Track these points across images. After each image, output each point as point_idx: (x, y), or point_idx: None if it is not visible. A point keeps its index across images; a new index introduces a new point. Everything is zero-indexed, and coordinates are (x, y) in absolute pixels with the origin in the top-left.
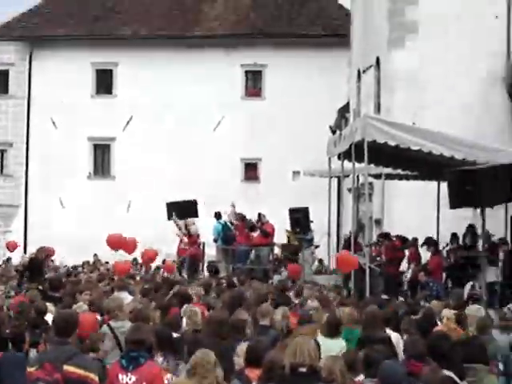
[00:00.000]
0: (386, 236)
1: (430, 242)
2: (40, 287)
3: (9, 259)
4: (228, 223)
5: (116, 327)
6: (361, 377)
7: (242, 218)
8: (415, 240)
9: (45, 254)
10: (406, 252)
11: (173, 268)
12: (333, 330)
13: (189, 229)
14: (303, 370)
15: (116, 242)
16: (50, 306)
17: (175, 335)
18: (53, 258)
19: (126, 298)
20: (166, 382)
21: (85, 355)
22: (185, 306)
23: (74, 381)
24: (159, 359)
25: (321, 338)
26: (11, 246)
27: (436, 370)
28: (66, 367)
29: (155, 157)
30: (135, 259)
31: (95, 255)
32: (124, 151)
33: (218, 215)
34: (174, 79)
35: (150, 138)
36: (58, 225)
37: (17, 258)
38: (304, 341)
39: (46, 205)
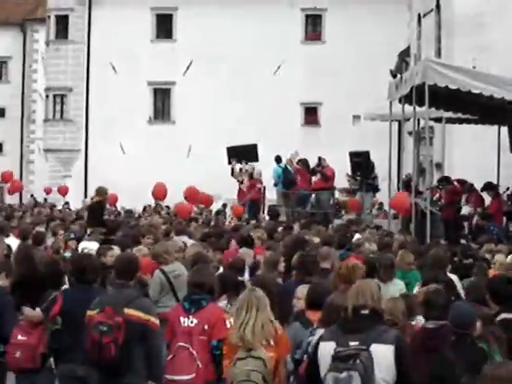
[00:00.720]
0: (446, 180)
1: (490, 186)
2: (101, 231)
3: (67, 203)
4: (288, 167)
5: (169, 271)
6: (418, 319)
7: (303, 162)
8: (471, 185)
9: (105, 195)
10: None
11: (241, 211)
12: (388, 273)
13: (251, 172)
14: (365, 312)
15: (162, 192)
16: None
17: (239, 278)
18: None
19: (187, 241)
20: (228, 325)
21: (145, 298)
22: (246, 251)
23: (134, 324)
24: (223, 302)
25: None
26: (62, 191)
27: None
28: (126, 310)
29: (215, 101)
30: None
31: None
32: (184, 96)
33: (278, 159)
34: (234, 23)
35: (210, 82)
36: (117, 170)
37: (77, 202)
38: (366, 283)
39: (106, 150)
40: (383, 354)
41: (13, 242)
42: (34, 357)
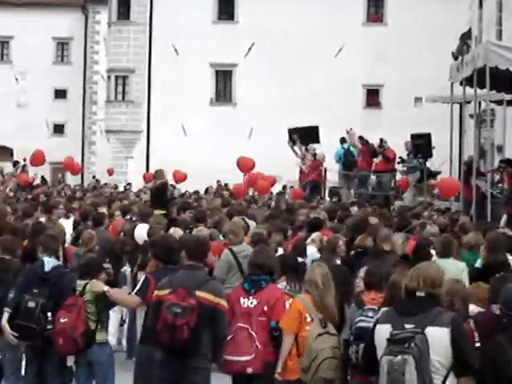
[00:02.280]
0: (508, 162)
1: None
2: (164, 212)
3: (129, 184)
4: (351, 148)
5: (237, 251)
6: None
7: (365, 142)
8: None
9: (164, 178)
10: None
11: (300, 194)
12: (446, 250)
13: (314, 153)
14: (421, 294)
15: (247, 166)
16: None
17: (300, 260)
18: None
19: (248, 222)
20: (287, 306)
21: (215, 281)
22: (314, 234)
23: (205, 307)
24: (282, 284)
25: (435, 259)
26: (108, 172)
27: None
28: (198, 293)
29: (277, 83)
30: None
31: (218, 181)
32: (246, 78)
33: (342, 140)
34: (295, 5)
35: (272, 64)
36: (179, 151)
37: (139, 183)
38: (426, 266)
39: (168, 131)
40: (439, 337)
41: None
42: (74, 340)
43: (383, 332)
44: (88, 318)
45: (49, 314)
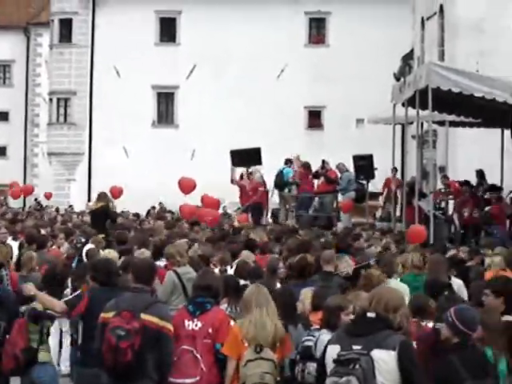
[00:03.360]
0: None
1: (494, 189)
2: (103, 235)
3: (70, 206)
4: (286, 169)
5: (182, 273)
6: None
7: (305, 165)
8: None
9: (107, 201)
10: None
11: (245, 220)
12: (388, 270)
13: (251, 177)
14: (372, 315)
15: (188, 186)
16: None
17: (242, 282)
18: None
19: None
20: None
21: (161, 304)
22: (245, 252)
23: (150, 330)
24: (224, 305)
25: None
26: (46, 196)
27: (493, 311)
28: (143, 316)
29: (219, 105)
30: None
31: (160, 203)
32: (187, 99)
33: (287, 161)
34: (237, 27)
35: (214, 86)
36: (121, 173)
37: (80, 205)
38: (385, 290)
39: (110, 153)
40: (384, 360)
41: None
42: (14, 355)
43: (332, 353)
44: (30, 337)
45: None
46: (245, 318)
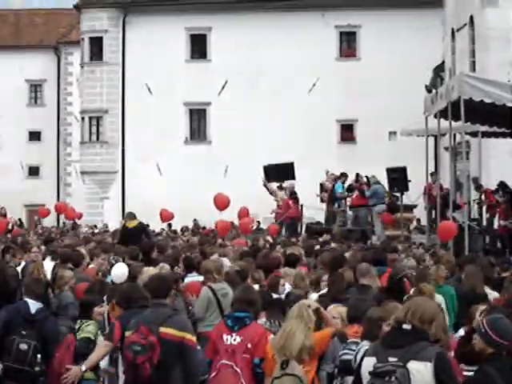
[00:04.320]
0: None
1: None
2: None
3: (106, 226)
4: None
5: (217, 289)
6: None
7: (357, 179)
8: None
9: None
10: None
11: (276, 230)
12: (421, 282)
13: (291, 191)
14: (407, 327)
15: (223, 202)
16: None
17: (275, 296)
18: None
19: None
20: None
21: (181, 316)
22: (285, 268)
23: (169, 342)
24: (262, 320)
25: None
26: (77, 216)
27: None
28: (161, 329)
29: (251, 120)
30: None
31: (195, 220)
32: (220, 116)
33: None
34: (268, 42)
35: (245, 101)
36: (155, 190)
37: (115, 223)
38: (422, 301)
39: (143, 171)
40: (420, 371)
41: (48, 264)
42: (60, 374)
43: (368, 365)
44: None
45: (39, 355)
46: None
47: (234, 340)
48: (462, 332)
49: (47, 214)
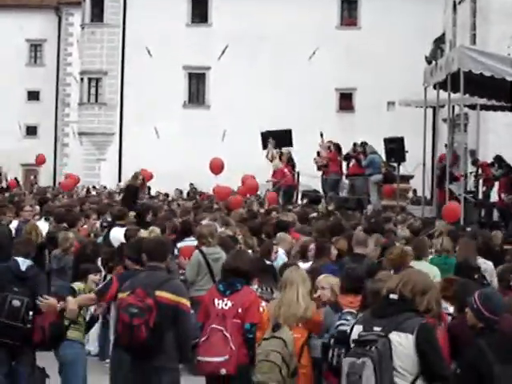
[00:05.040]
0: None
1: None
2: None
3: (105, 187)
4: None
5: (208, 253)
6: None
7: (336, 147)
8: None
9: (141, 181)
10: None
11: (275, 198)
12: (419, 253)
13: (288, 157)
14: (394, 297)
15: (217, 166)
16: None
17: (267, 263)
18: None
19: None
20: (260, 309)
21: (176, 280)
22: (280, 234)
23: (165, 306)
24: (254, 286)
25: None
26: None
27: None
28: (157, 293)
29: (250, 86)
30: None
31: (191, 184)
32: (219, 80)
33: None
34: (269, 8)
35: (245, 67)
36: (152, 153)
37: (111, 185)
38: (413, 272)
39: (141, 133)
40: (401, 343)
41: (43, 225)
42: (41, 327)
43: (355, 333)
44: (63, 314)
45: (30, 312)
46: (277, 298)
47: (226, 305)
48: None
49: (43, 161)
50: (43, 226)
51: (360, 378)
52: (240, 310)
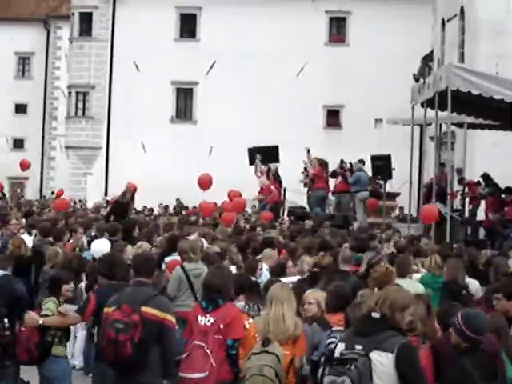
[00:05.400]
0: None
1: (510, 191)
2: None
3: (80, 201)
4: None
5: (189, 269)
6: None
7: (322, 163)
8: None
9: (129, 198)
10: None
11: (270, 216)
12: (402, 271)
13: (275, 173)
14: (376, 315)
15: (206, 182)
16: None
17: (253, 279)
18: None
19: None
20: (247, 325)
21: (162, 297)
22: (267, 250)
23: (150, 322)
24: (240, 303)
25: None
26: (57, 194)
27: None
28: (143, 308)
29: (237, 101)
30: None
31: (177, 199)
32: (206, 96)
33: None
34: (257, 25)
35: (233, 82)
36: (138, 168)
37: (97, 200)
38: (394, 289)
39: (128, 148)
40: (382, 362)
41: (26, 238)
42: (29, 350)
43: (338, 350)
44: (45, 332)
45: (5, 320)
46: (263, 314)
47: (208, 321)
48: None
49: (28, 165)
50: (27, 240)
51: None
52: (222, 326)
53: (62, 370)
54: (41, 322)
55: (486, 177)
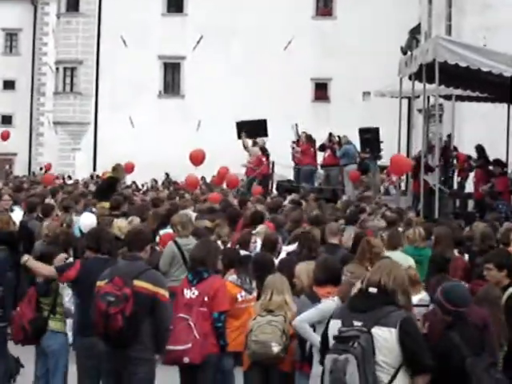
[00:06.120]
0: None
1: (498, 163)
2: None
3: (69, 177)
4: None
5: (182, 244)
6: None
7: (308, 137)
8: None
9: (123, 175)
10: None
11: (260, 190)
12: (393, 243)
13: (262, 147)
14: (373, 290)
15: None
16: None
17: (243, 253)
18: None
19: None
20: (240, 298)
21: (155, 271)
22: (259, 227)
23: (143, 296)
24: (232, 277)
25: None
26: (46, 167)
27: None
28: (135, 282)
29: (225, 76)
30: (203, 178)
31: (166, 174)
32: (194, 70)
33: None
34: None
35: (220, 57)
36: (127, 143)
37: (86, 175)
38: (389, 263)
39: (116, 123)
40: (384, 338)
41: (18, 214)
42: (22, 326)
43: (334, 327)
44: (41, 307)
45: None
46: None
47: (193, 294)
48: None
49: (7, 135)
50: (19, 215)
51: (344, 375)
52: (206, 299)
53: (59, 345)
54: (26, 258)
55: (479, 148)
